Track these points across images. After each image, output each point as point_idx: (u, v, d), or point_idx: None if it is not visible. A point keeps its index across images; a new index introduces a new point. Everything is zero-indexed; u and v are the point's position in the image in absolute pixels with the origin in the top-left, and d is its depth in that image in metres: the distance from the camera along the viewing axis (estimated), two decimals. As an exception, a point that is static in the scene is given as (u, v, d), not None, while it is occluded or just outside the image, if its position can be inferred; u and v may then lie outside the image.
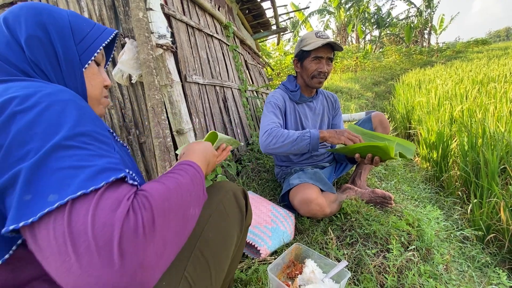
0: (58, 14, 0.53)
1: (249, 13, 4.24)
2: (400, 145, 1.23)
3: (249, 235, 1.12)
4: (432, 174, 2.52)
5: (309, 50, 1.35)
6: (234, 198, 0.71)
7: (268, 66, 6.04)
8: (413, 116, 3.96)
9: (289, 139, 1.22)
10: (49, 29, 0.50)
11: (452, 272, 1.10)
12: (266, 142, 1.26)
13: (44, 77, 0.50)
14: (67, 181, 0.33)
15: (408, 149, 1.20)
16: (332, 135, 1.20)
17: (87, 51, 0.55)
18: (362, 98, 6.00)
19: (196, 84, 1.85)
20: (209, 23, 2.41)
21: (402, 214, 1.33)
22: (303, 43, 1.40)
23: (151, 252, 0.34)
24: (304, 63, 1.42)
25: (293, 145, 1.22)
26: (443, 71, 8.07)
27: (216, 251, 0.60)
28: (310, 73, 1.41)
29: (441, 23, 20.08)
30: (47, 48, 0.50)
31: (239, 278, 0.99)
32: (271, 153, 1.30)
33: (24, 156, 0.34)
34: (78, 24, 0.55)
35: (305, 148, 1.22)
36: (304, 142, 1.21)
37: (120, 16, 1.60)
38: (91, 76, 0.58)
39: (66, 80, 0.53)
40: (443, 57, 15.10)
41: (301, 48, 1.40)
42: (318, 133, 1.21)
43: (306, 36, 1.40)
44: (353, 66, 12.68)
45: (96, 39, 0.57)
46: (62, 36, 0.51)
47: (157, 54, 1.52)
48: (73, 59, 0.53)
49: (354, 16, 18.29)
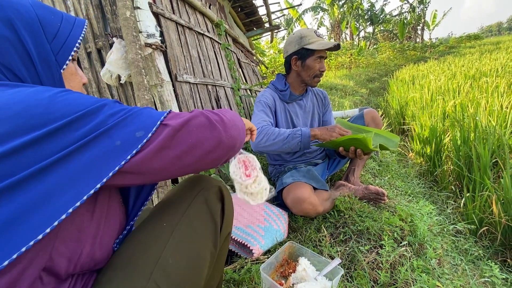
0: (22, 6, 0.45)
1: (241, 11, 4.21)
2: (384, 137, 1.26)
3: (242, 235, 1.11)
4: (425, 169, 2.53)
5: (314, 50, 1.33)
6: (205, 205, 0.57)
7: (262, 64, 6.02)
8: (407, 112, 3.98)
9: (280, 137, 1.22)
10: (16, 25, 0.43)
11: (445, 266, 1.11)
12: (257, 140, 1.25)
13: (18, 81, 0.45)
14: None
15: (392, 141, 1.23)
16: (324, 132, 1.20)
17: (63, 49, 0.50)
18: (357, 94, 6.02)
19: (187, 83, 1.83)
20: (200, 22, 2.38)
21: (395, 210, 1.33)
22: (304, 41, 1.35)
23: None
24: (306, 62, 1.38)
25: (284, 143, 1.22)
26: (436, 66, 8.13)
27: (179, 282, 0.47)
28: (313, 72, 1.39)
29: (434, 18, 20.23)
30: (18, 49, 0.44)
31: (232, 278, 0.98)
32: (262, 151, 1.29)
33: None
34: (46, 17, 0.48)
35: (296, 146, 1.22)
36: (295, 140, 1.21)
37: (107, 16, 1.57)
38: (70, 76, 0.54)
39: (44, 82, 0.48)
40: (436, 53, 15.21)
41: (303, 46, 1.35)
42: (309, 131, 1.21)
43: (305, 34, 1.36)
44: (348, 63, 12.71)
45: (70, 35, 0.51)
46: (32, 33, 0.45)
47: (146, 54, 1.50)
48: (49, 59, 0.48)
49: (348, 13, 18.32)
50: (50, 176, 0.35)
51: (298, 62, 1.41)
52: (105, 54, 1.59)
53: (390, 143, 1.23)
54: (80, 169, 0.37)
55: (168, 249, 0.49)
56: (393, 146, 1.21)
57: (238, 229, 1.14)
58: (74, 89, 0.55)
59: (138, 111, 0.45)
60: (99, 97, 0.60)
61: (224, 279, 0.98)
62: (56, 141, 0.37)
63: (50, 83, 0.49)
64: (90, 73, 1.69)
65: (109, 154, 0.40)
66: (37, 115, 0.37)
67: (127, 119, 0.43)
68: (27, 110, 0.37)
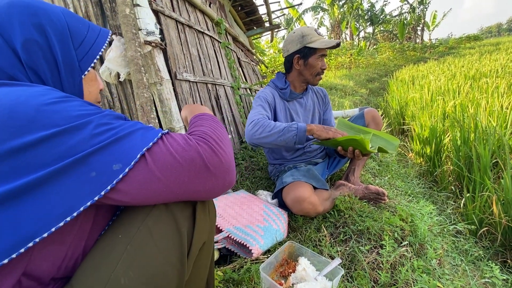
0: (55, 14, 0.48)
1: (241, 10, 4.20)
2: (383, 140, 1.26)
3: (241, 235, 1.10)
4: (425, 169, 2.53)
5: (316, 48, 1.33)
6: (168, 212, 0.48)
7: (262, 64, 6.00)
8: (407, 112, 3.98)
9: (275, 129, 1.19)
10: (47, 32, 0.46)
11: (445, 266, 1.10)
12: (252, 131, 1.21)
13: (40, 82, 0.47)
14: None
15: (391, 143, 1.23)
16: (320, 129, 1.19)
17: (87, 56, 0.52)
18: (357, 94, 6.01)
19: (187, 81, 1.82)
20: (200, 20, 2.37)
21: (395, 210, 1.32)
22: (306, 39, 1.34)
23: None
24: (309, 61, 1.38)
25: (279, 135, 1.19)
26: (436, 67, 8.14)
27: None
28: (316, 71, 1.39)
29: (433, 19, 20.25)
30: (46, 53, 0.46)
31: (231, 278, 0.97)
32: (256, 143, 1.25)
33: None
34: (75, 25, 0.51)
35: (291, 140, 1.19)
36: (291, 134, 1.18)
37: (107, 13, 1.56)
38: (90, 82, 0.55)
39: (64, 86, 0.50)
40: (436, 53, 15.24)
41: (306, 44, 1.35)
42: (305, 126, 1.19)
43: (307, 32, 1.36)
44: (348, 63, 12.72)
45: (94, 43, 0.54)
46: (61, 40, 0.48)
47: (146, 51, 1.48)
48: (73, 65, 0.50)
49: (348, 13, 18.32)
50: (21, 204, 0.34)
51: (301, 61, 1.40)
52: (105, 52, 1.58)
53: (390, 146, 1.22)
54: (51, 199, 0.36)
55: (121, 267, 0.41)
56: (392, 149, 1.20)
57: (237, 229, 1.13)
58: (92, 94, 0.57)
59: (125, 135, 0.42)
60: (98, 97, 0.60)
61: (223, 278, 0.97)
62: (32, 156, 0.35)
63: (70, 87, 0.50)
64: (89, 70, 1.67)
65: (84, 185, 0.37)
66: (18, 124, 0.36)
67: (109, 145, 0.40)
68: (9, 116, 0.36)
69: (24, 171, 0.34)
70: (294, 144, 1.21)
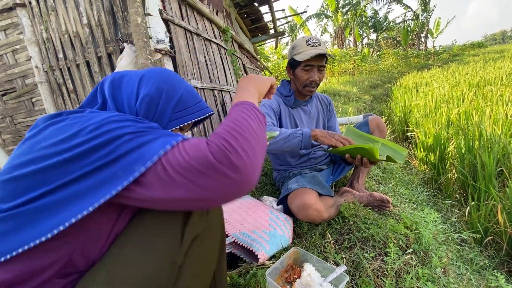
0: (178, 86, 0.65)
1: (247, 17, 4.27)
2: (392, 149, 1.27)
3: (247, 240, 1.12)
4: (429, 177, 2.53)
5: (300, 60, 1.36)
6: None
7: (266, 70, 6.06)
8: (411, 119, 3.98)
9: (281, 136, 1.22)
10: (163, 94, 0.62)
11: (450, 275, 1.11)
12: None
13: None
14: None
15: (399, 154, 1.24)
16: (324, 134, 1.22)
17: (178, 119, 0.65)
18: (360, 101, 6.03)
19: (194, 88, 1.86)
20: (207, 28, 2.42)
21: (400, 217, 1.33)
22: (294, 51, 1.39)
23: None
24: (295, 72, 1.42)
25: (285, 142, 1.22)
26: (440, 74, 8.14)
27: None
28: (302, 82, 1.41)
29: (437, 26, 20.31)
30: (152, 106, 0.61)
31: (237, 283, 0.99)
32: None
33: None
34: (187, 97, 0.67)
35: (297, 146, 1.22)
36: (296, 139, 1.22)
37: (118, 21, 1.61)
38: None
39: None
40: (439, 60, 15.25)
41: (292, 56, 1.39)
42: (310, 131, 1.22)
43: (296, 44, 1.39)
44: (351, 69, 12.76)
45: (191, 114, 0.67)
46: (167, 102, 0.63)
47: (156, 59, 1.53)
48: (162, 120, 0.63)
49: (352, 20, 18.45)
50: (71, 187, 0.44)
51: (291, 71, 1.46)
52: (115, 59, 1.63)
53: (398, 156, 1.24)
54: (89, 186, 0.44)
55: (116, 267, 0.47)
56: (400, 159, 1.22)
57: (243, 234, 1.15)
58: None
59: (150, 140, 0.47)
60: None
61: (230, 283, 0.99)
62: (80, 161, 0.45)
63: None
64: (100, 76, 1.72)
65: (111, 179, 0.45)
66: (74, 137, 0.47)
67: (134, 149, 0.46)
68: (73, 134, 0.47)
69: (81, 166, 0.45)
70: (300, 149, 1.24)
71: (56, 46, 1.81)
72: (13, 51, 2.03)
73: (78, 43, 1.73)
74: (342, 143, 1.18)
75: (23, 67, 2.03)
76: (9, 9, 1.93)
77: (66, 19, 1.73)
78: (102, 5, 1.62)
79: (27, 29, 1.85)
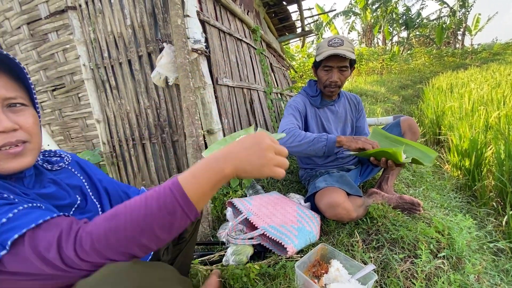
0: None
1: (275, 16, 4.29)
2: (419, 151, 1.25)
3: (276, 233, 1.16)
4: (463, 183, 2.41)
5: (319, 61, 1.38)
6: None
7: (291, 69, 6.05)
8: (444, 122, 3.79)
9: (306, 139, 1.26)
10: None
11: (484, 283, 1.08)
12: (284, 140, 1.29)
13: None
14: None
15: (428, 156, 1.21)
16: (349, 139, 1.23)
17: None
18: (388, 102, 5.82)
19: (226, 86, 1.93)
20: (239, 28, 2.49)
21: (431, 221, 1.31)
22: (316, 51, 1.43)
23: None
24: (317, 72, 1.46)
25: (309, 145, 1.25)
26: (478, 74, 7.61)
27: None
28: (322, 82, 1.44)
29: (476, 23, 18.89)
30: None
31: (267, 272, 1.04)
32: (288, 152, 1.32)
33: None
34: None
35: (321, 150, 1.25)
36: (321, 144, 1.24)
37: (159, 23, 1.72)
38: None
39: None
40: (478, 60, 14.21)
41: (315, 56, 1.43)
42: (335, 137, 1.24)
43: (319, 45, 1.42)
44: (379, 69, 12.30)
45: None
46: None
47: (192, 58, 1.61)
48: None
49: (381, 17, 17.71)
50: None
51: (315, 72, 1.49)
52: (155, 58, 1.74)
53: (426, 158, 1.20)
54: None
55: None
56: (428, 161, 1.19)
57: (272, 228, 1.19)
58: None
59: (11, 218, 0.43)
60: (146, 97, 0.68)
61: (260, 272, 1.04)
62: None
63: None
64: (140, 74, 1.85)
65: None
66: None
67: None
68: None
69: None
70: (323, 154, 1.27)
71: (101, 45, 1.97)
72: (63, 50, 2.24)
73: (122, 43, 1.87)
74: (368, 146, 1.18)
75: (72, 65, 2.23)
76: (61, 12, 2.12)
77: (111, 20, 1.87)
78: (145, 7, 1.73)
79: (77, 30, 2.03)
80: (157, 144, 1.92)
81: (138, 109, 1.94)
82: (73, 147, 2.51)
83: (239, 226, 1.32)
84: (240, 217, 1.27)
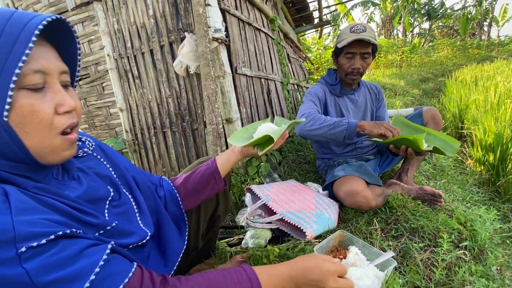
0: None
1: (292, 6, 4.23)
2: (442, 140, 1.20)
3: (294, 218, 1.18)
4: (486, 178, 2.33)
5: (341, 47, 1.35)
6: None
7: (308, 60, 5.97)
8: (467, 116, 3.64)
9: (326, 122, 1.24)
10: None
11: (507, 276, 1.06)
12: (303, 124, 1.28)
13: None
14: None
15: (450, 145, 1.17)
16: (371, 125, 1.21)
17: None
18: (408, 95, 5.64)
19: (244, 76, 1.95)
20: (257, 17, 2.48)
21: (452, 213, 1.29)
22: (338, 39, 1.40)
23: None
24: (338, 60, 1.43)
25: (329, 129, 1.23)
26: (505, 67, 7.20)
27: None
28: (344, 70, 1.41)
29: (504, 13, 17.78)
30: None
31: (286, 255, 1.07)
32: (305, 135, 1.31)
33: None
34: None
35: (341, 135, 1.22)
36: (341, 128, 1.22)
37: (180, 12, 1.75)
38: (23, 119, 0.37)
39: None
40: (505, 52, 13.41)
41: (336, 44, 1.40)
42: (357, 122, 1.22)
43: (341, 32, 1.40)
44: (398, 61, 11.88)
45: (12, 52, 0.35)
46: None
47: (213, 47, 1.64)
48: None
49: (402, 7, 16.99)
50: None
51: (335, 60, 1.47)
52: (176, 47, 1.78)
53: (448, 148, 1.16)
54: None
55: None
56: (451, 151, 1.14)
57: (290, 213, 1.22)
58: (35, 135, 0.39)
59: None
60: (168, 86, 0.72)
61: (279, 254, 1.07)
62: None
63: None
64: (161, 64, 1.90)
65: None
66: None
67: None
68: None
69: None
70: (344, 139, 1.24)
71: (125, 36, 2.03)
72: (88, 41, 2.32)
73: (144, 33, 1.92)
74: (391, 132, 1.16)
75: (96, 55, 2.31)
76: (86, 3, 2.19)
77: (135, 11, 1.92)
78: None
79: (102, 21, 2.10)
80: (178, 132, 1.97)
81: (159, 98, 1.99)
82: (97, 135, 2.62)
83: (257, 211, 1.35)
84: (259, 202, 1.30)
